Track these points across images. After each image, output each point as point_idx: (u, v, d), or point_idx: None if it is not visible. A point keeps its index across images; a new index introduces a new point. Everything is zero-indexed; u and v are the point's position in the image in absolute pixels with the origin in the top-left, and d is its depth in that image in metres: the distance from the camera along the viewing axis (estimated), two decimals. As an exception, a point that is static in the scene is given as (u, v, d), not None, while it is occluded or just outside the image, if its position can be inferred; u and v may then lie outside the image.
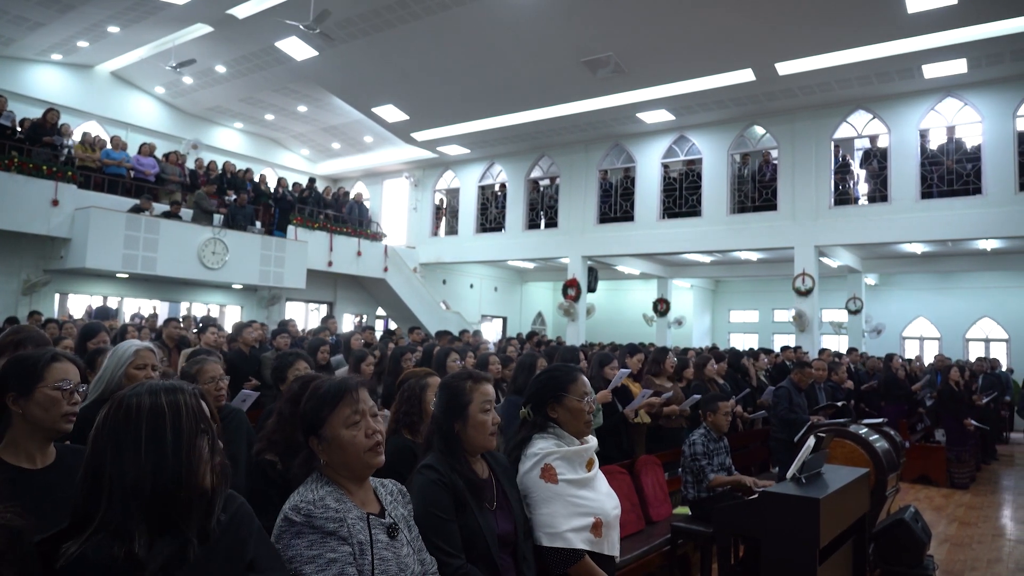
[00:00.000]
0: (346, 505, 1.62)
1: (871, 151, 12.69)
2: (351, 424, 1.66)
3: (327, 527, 1.54)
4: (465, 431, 2.13)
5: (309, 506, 1.56)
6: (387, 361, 5.79)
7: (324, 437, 1.65)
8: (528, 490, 2.30)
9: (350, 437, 1.65)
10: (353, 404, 1.67)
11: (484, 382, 2.21)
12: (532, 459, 2.34)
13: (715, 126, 14.06)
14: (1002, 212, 11.12)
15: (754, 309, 21.53)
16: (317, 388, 1.73)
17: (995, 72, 11.08)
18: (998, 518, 7.42)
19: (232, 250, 12.66)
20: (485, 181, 17.80)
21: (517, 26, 11.19)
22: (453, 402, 2.15)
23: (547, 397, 2.45)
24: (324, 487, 1.63)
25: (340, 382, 1.72)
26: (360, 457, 1.65)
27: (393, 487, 1.83)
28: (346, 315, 17.62)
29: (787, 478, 3.78)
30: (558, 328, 20.03)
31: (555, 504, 2.26)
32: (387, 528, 1.67)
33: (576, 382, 2.45)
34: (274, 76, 14.30)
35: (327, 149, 19.35)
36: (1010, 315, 17.07)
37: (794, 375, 6.83)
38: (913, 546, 5.23)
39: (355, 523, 1.60)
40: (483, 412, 2.14)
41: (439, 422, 2.16)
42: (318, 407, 1.68)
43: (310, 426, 1.68)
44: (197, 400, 1.37)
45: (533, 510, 2.28)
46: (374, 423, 1.69)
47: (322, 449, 1.66)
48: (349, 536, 1.56)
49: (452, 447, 2.11)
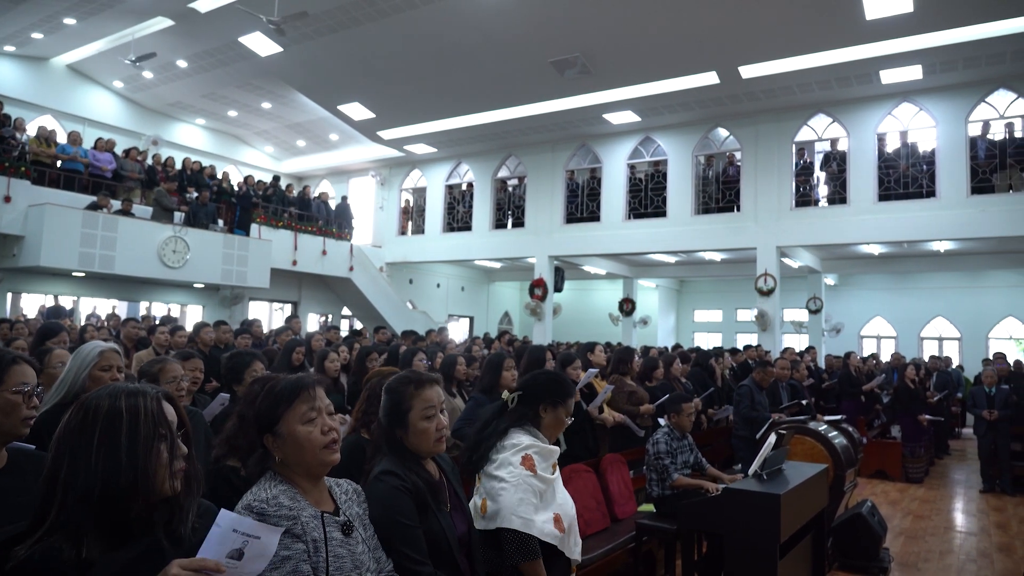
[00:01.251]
0: (300, 503, 1.61)
1: (830, 154, 12.97)
2: (307, 421, 1.65)
3: (281, 525, 1.53)
4: (407, 438, 2.06)
5: (262, 504, 1.55)
6: (352, 361, 5.75)
7: (279, 434, 1.64)
8: (502, 475, 2.31)
9: (306, 434, 1.64)
10: (309, 401, 1.66)
11: (427, 387, 2.10)
12: (511, 448, 2.38)
13: (680, 128, 14.23)
14: (954, 215, 11.47)
15: (718, 309, 21.86)
16: (274, 385, 1.72)
17: (948, 79, 11.42)
18: (950, 511, 7.65)
19: (193, 248, 12.42)
20: (452, 180, 17.76)
21: (484, 25, 11.18)
22: (394, 408, 2.08)
23: (546, 397, 2.52)
24: (278, 486, 1.62)
25: (297, 379, 1.71)
26: (316, 454, 1.64)
27: (348, 486, 1.82)
28: (311, 315, 17.42)
29: (749, 475, 3.85)
30: (525, 328, 20.08)
31: (529, 493, 2.29)
32: (341, 526, 1.67)
33: (572, 398, 2.59)
34: (237, 72, 14.06)
35: (292, 147, 19.11)
36: (962, 315, 17.63)
37: (756, 374, 6.95)
38: (870, 539, 5.37)
39: (309, 521, 1.59)
40: (425, 419, 2.05)
41: (382, 427, 2.10)
42: (274, 404, 1.67)
43: (266, 423, 1.67)
44: (158, 404, 1.35)
45: (502, 494, 2.27)
46: (330, 421, 1.68)
47: (277, 446, 1.65)
48: (303, 533, 1.56)
49: (402, 452, 2.06)
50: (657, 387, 6.38)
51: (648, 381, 6.46)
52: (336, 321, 17.60)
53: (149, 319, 11.37)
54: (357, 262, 16.50)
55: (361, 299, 16.66)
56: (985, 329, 17.35)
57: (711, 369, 8.29)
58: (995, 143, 11.56)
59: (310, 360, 6.28)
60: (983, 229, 11.31)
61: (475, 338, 11.82)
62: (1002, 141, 11.52)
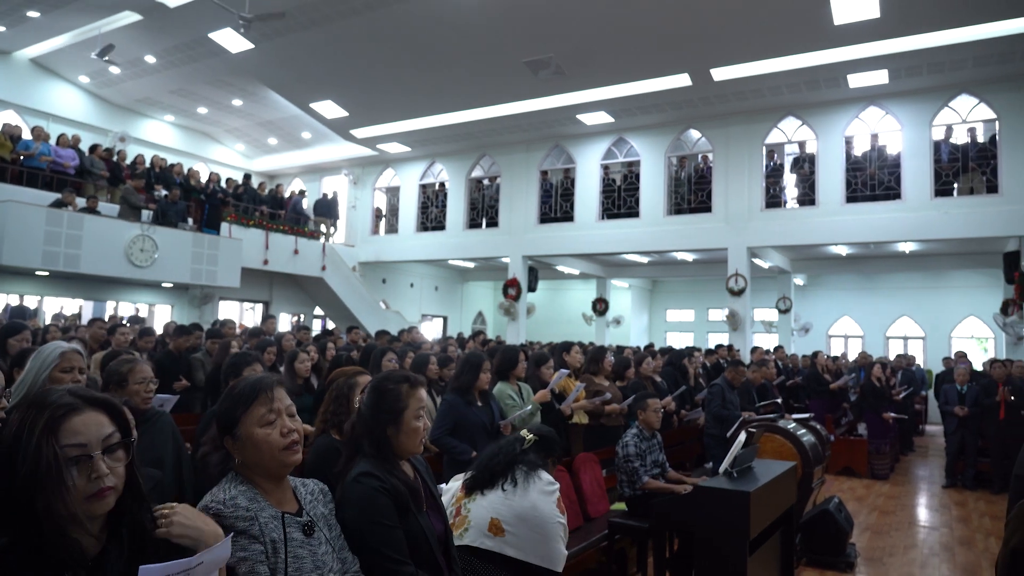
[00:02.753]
0: (259, 504, 1.60)
1: (800, 156, 13.18)
2: (265, 423, 1.64)
3: (237, 526, 1.53)
4: (397, 437, 2.07)
5: (218, 505, 1.55)
6: (325, 363, 5.70)
7: (238, 436, 1.64)
8: (545, 517, 2.48)
9: (264, 436, 1.63)
10: (268, 403, 1.66)
11: (420, 387, 2.16)
12: (551, 486, 2.56)
13: (653, 129, 14.35)
14: (919, 216, 11.72)
15: (690, 308, 22.08)
16: (233, 387, 1.71)
17: (914, 83, 11.67)
18: (914, 506, 7.83)
19: (162, 247, 12.21)
20: (426, 180, 17.70)
21: (459, 25, 11.17)
22: (387, 406, 2.08)
23: (553, 453, 2.78)
24: (238, 486, 1.61)
25: (256, 381, 1.70)
26: (275, 456, 1.64)
27: (315, 486, 1.82)
28: (283, 314, 17.23)
29: (719, 472, 3.90)
30: (498, 327, 20.09)
31: (565, 533, 2.54)
32: (303, 526, 1.66)
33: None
34: (207, 68, 13.85)
35: (263, 144, 18.88)
36: (926, 314, 18.03)
37: (728, 373, 7.05)
38: (837, 535, 5.48)
39: (268, 521, 1.59)
40: (417, 419, 2.09)
41: (370, 426, 2.08)
42: (232, 406, 1.66)
43: (225, 426, 1.66)
44: (54, 423, 1.22)
45: (551, 539, 2.47)
46: (290, 422, 1.68)
47: (236, 449, 1.65)
48: (260, 535, 1.55)
49: (384, 451, 2.06)
50: (629, 386, 6.43)
51: (620, 380, 6.52)
52: (308, 321, 17.44)
53: (116, 319, 11.18)
54: (330, 261, 16.37)
55: (334, 299, 16.53)
56: (948, 328, 17.77)
57: (683, 368, 8.38)
58: (957, 147, 11.85)
59: (280, 360, 6.23)
60: (946, 231, 11.58)
61: (449, 338, 11.80)
62: (964, 145, 11.81)
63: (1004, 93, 11.31)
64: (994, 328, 14.90)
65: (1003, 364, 9.01)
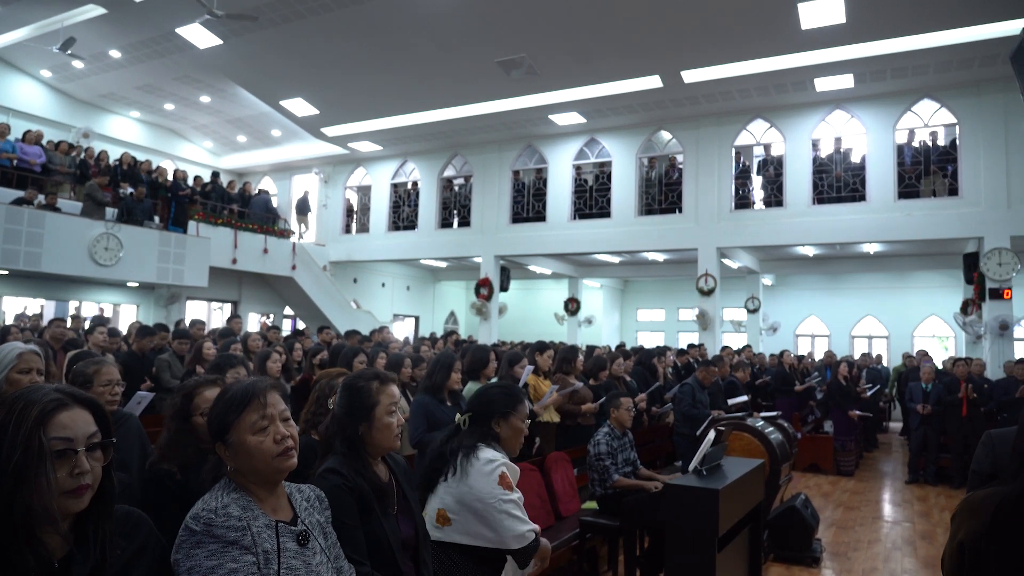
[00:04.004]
0: (252, 512, 1.56)
1: (768, 158, 13.38)
2: (258, 430, 1.60)
3: (228, 536, 1.48)
4: (370, 434, 2.08)
5: (210, 514, 1.50)
6: (296, 362, 5.65)
7: (230, 443, 1.60)
8: (483, 496, 2.37)
9: (257, 443, 1.59)
10: (261, 409, 1.62)
11: (391, 383, 2.16)
12: (489, 464, 2.42)
13: (624, 130, 14.45)
14: (883, 218, 11.97)
15: (660, 308, 22.27)
16: (224, 392, 1.67)
17: (878, 88, 11.92)
18: (878, 502, 8.00)
19: (127, 246, 11.98)
20: (398, 179, 17.61)
21: (431, 23, 11.13)
22: (358, 403, 2.10)
23: (496, 411, 2.54)
24: (230, 494, 1.57)
25: (248, 385, 1.66)
26: (269, 463, 1.60)
27: (311, 493, 1.78)
28: (252, 314, 17.01)
29: (689, 470, 3.95)
30: (471, 327, 20.06)
31: (516, 508, 2.39)
32: (297, 536, 1.62)
33: (523, 403, 2.60)
34: (174, 64, 13.61)
35: (232, 142, 18.62)
36: (889, 314, 18.43)
37: (699, 373, 7.13)
38: (803, 531, 5.57)
39: (261, 531, 1.54)
40: (389, 415, 2.10)
41: (342, 423, 2.09)
42: (224, 412, 1.62)
43: (217, 431, 1.62)
44: (42, 417, 1.22)
45: (493, 518, 2.36)
46: (284, 427, 1.63)
47: (229, 456, 1.61)
48: (253, 545, 1.51)
49: (355, 450, 2.06)
50: (601, 386, 6.47)
51: (593, 380, 6.56)
52: (278, 321, 17.24)
53: (79, 319, 10.95)
54: (300, 261, 16.21)
55: (304, 298, 16.37)
56: (910, 328, 18.17)
57: (653, 368, 8.45)
58: (920, 150, 12.12)
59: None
60: (909, 232, 11.85)
61: (422, 339, 11.75)
62: (926, 148, 12.09)
63: (964, 98, 11.61)
64: (954, 327, 15.28)
65: (965, 362, 9.25)
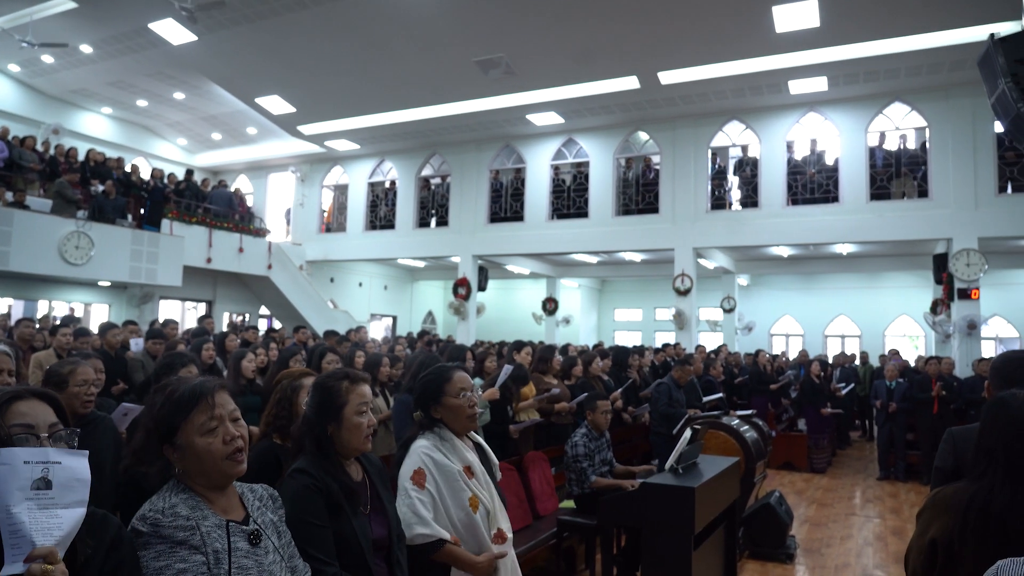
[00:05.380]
0: (202, 512, 1.53)
1: (743, 159, 13.53)
2: (207, 431, 1.57)
3: (176, 536, 1.46)
4: (339, 433, 2.06)
5: (157, 515, 1.47)
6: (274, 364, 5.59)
7: (178, 445, 1.56)
8: (399, 477, 2.36)
9: (205, 445, 1.56)
10: (209, 410, 1.58)
11: (361, 383, 2.15)
12: (413, 456, 2.39)
13: (602, 130, 14.51)
14: (856, 219, 12.16)
15: (638, 308, 22.42)
16: (171, 393, 1.61)
17: (851, 91, 12.10)
18: (850, 498, 8.12)
19: (98, 244, 11.77)
20: (375, 178, 17.51)
21: (409, 22, 11.08)
22: (328, 403, 2.08)
23: (428, 399, 2.51)
24: (179, 495, 1.54)
25: (196, 385, 1.61)
26: (218, 465, 1.57)
27: (263, 492, 1.75)
28: (226, 314, 16.82)
29: (665, 469, 3.98)
30: (449, 327, 20.02)
31: (418, 505, 2.30)
32: (248, 535, 1.59)
33: (451, 381, 2.50)
34: (147, 59, 13.40)
35: (206, 139, 18.38)
36: (861, 313, 18.75)
37: (675, 372, 7.18)
38: (777, 528, 5.64)
39: (211, 531, 1.51)
40: (359, 414, 2.08)
41: (311, 423, 2.08)
42: (171, 414, 1.58)
43: (164, 434, 1.58)
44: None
45: (401, 501, 2.30)
46: (234, 428, 1.60)
47: (177, 458, 1.57)
48: (202, 545, 1.48)
49: (325, 450, 2.05)
50: (577, 385, 6.50)
51: (567, 379, 6.58)
52: (254, 321, 17.07)
53: (48, 319, 10.73)
54: (276, 260, 16.05)
55: (280, 298, 16.22)
56: (882, 327, 18.50)
57: (627, 366, 8.49)
58: (891, 153, 12.33)
59: (225, 361, 6.08)
60: (881, 233, 12.05)
61: (398, 337, 11.71)
62: (897, 151, 12.30)
63: (933, 102, 11.83)
64: (924, 326, 15.58)
65: (935, 361, 9.43)
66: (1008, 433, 1.70)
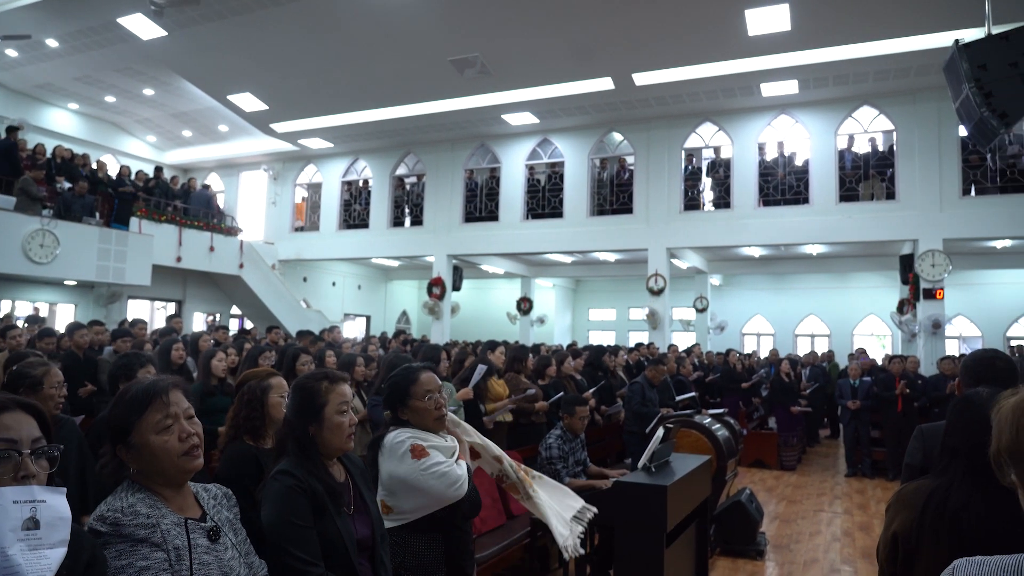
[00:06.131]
0: (160, 511, 1.53)
1: (716, 161, 13.68)
2: (162, 429, 1.57)
3: (137, 534, 1.45)
4: (321, 434, 2.07)
5: (116, 514, 1.46)
6: (242, 364, 5.53)
7: (133, 445, 1.56)
8: (404, 476, 2.37)
9: (161, 443, 1.56)
10: (164, 408, 1.58)
11: (340, 383, 2.16)
12: (397, 445, 2.41)
13: (577, 131, 14.57)
14: (825, 220, 12.37)
15: (611, 307, 22.55)
16: (124, 392, 1.62)
17: (821, 94, 12.30)
18: (819, 495, 8.25)
19: (64, 243, 11.53)
20: (349, 176, 17.39)
21: (384, 20, 11.02)
22: (308, 404, 2.09)
23: (394, 401, 2.53)
24: (135, 494, 1.53)
25: (149, 384, 1.62)
26: (174, 463, 1.57)
27: (217, 491, 1.76)
28: (197, 314, 16.59)
29: (638, 468, 4.01)
30: (423, 327, 19.95)
31: (438, 467, 2.39)
32: (207, 532, 1.60)
33: (416, 383, 2.51)
34: (116, 55, 13.15)
35: (177, 136, 18.10)
36: (831, 313, 19.08)
37: (648, 371, 7.23)
38: (748, 525, 5.71)
39: (170, 528, 1.51)
40: (340, 414, 2.09)
41: (292, 425, 2.09)
42: (125, 413, 1.57)
43: (118, 434, 1.57)
44: None
45: (425, 484, 2.35)
46: (189, 426, 1.60)
47: (132, 458, 1.56)
48: (163, 542, 1.48)
49: (307, 451, 2.06)
50: (550, 384, 6.52)
51: (541, 379, 6.60)
52: (225, 320, 16.85)
53: (11, 318, 10.50)
54: (248, 259, 15.86)
55: (252, 298, 16.03)
56: (851, 326, 18.83)
57: (603, 365, 8.54)
58: (860, 155, 12.57)
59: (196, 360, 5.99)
60: (849, 234, 12.27)
61: (370, 337, 11.64)
62: (866, 154, 12.54)
63: (901, 106, 12.07)
64: (891, 326, 15.89)
65: (900, 360, 9.62)
66: (972, 431, 1.72)
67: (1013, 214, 11.17)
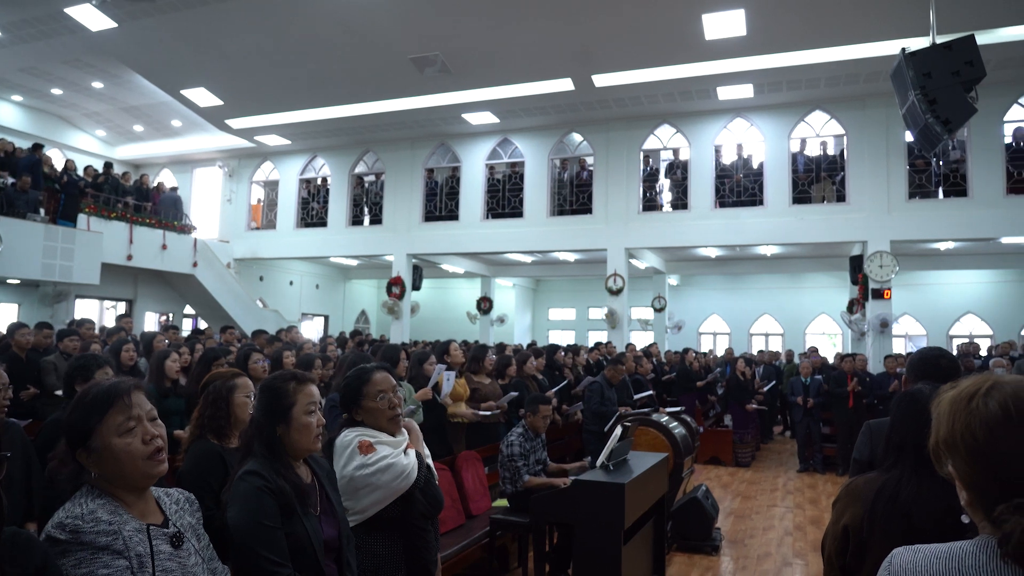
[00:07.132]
0: (122, 517, 1.49)
1: (674, 162, 13.87)
2: (125, 432, 1.53)
3: (98, 542, 1.42)
4: (289, 434, 2.07)
5: (76, 521, 1.42)
6: (195, 365, 5.40)
7: (94, 448, 1.51)
8: (351, 477, 2.35)
9: (124, 445, 1.51)
10: (126, 410, 1.54)
11: (308, 383, 2.15)
12: (344, 448, 2.41)
13: (537, 131, 14.63)
14: (779, 222, 12.65)
15: (571, 307, 22.70)
16: (84, 394, 1.57)
17: (775, 98, 12.58)
18: (772, 491, 8.44)
19: (7, 240, 11.10)
20: (307, 174, 17.14)
21: (344, 16, 10.89)
22: (276, 404, 2.08)
23: (348, 402, 2.53)
24: (95, 500, 1.49)
25: (111, 386, 1.57)
26: (138, 466, 1.53)
27: (179, 495, 1.72)
28: (149, 313, 16.16)
29: (596, 466, 4.05)
30: (382, 326, 19.80)
31: (385, 460, 2.37)
32: (170, 538, 1.57)
33: (368, 383, 2.50)
34: (63, 46, 12.71)
35: (127, 131, 17.60)
36: (784, 312, 19.52)
37: (607, 371, 7.29)
38: (704, 521, 5.81)
39: (132, 535, 1.48)
40: (308, 414, 2.09)
41: (260, 425, 2.08)
42: (85, 416, 1.53)
43: (77, 438, 1.52)
44: None
45: (373, 480, 2.33)
46: (152, 428, 1.57)
47: (93, 462, 1.52)
48: (125, 549, 1.45)
49: (275, 451, 2.04)
50: (510, 384, 6.54)
51: (502, 378, 6.61)
52: (178, 320, 16.45)
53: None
54: (202, 257, 15.51)
55: (206, 297, 15.68)
56: (803, 325, 19.31)
57: (558, 364, 8.58)
58: (812, 158, 12.89)
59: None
60: (802, 235, 12.57)
61: (328, 337, 11.50)
62: (818, 157, 12.86)
63: (851, 111, 12.42)
64: (842, 325, 16.33)
65: (851, 358, 9.90)
66: (916, 427, 1.77)
67: (956, 217, 11.59)
